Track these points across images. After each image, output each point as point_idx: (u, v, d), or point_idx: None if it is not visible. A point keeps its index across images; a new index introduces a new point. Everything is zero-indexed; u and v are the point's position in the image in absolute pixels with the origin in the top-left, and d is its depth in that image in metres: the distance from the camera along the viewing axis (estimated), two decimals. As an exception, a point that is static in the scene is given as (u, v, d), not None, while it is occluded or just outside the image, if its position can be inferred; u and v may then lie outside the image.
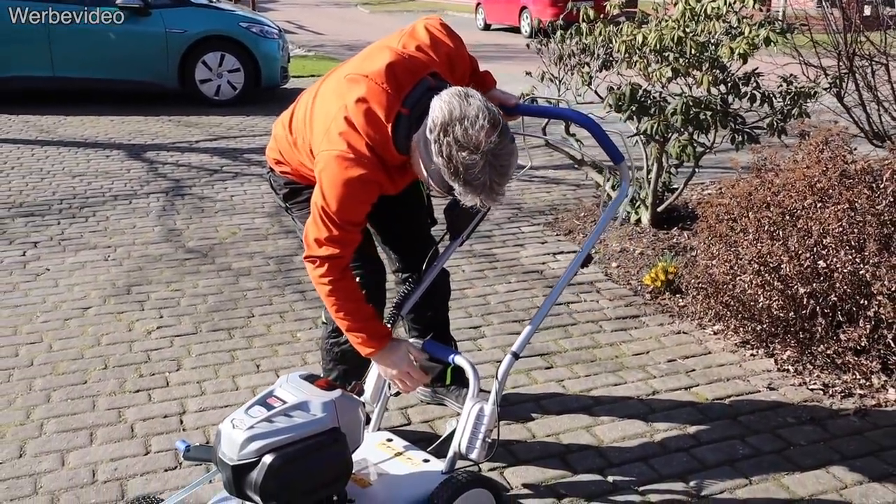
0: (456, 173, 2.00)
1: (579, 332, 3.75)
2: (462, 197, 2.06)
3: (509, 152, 2.03)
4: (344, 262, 2.26)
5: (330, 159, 2.15)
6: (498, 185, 2.03)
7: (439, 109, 2.02)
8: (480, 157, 1.97)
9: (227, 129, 8.13)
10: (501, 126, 2.01)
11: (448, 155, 1.99)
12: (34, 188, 5.89)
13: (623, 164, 2.52)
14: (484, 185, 2.01)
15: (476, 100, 2.03)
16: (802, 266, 3.27)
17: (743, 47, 4.27)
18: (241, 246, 4.80)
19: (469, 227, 2.69)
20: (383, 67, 2.14)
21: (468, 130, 1.96)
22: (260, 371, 3.33)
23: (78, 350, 3.47)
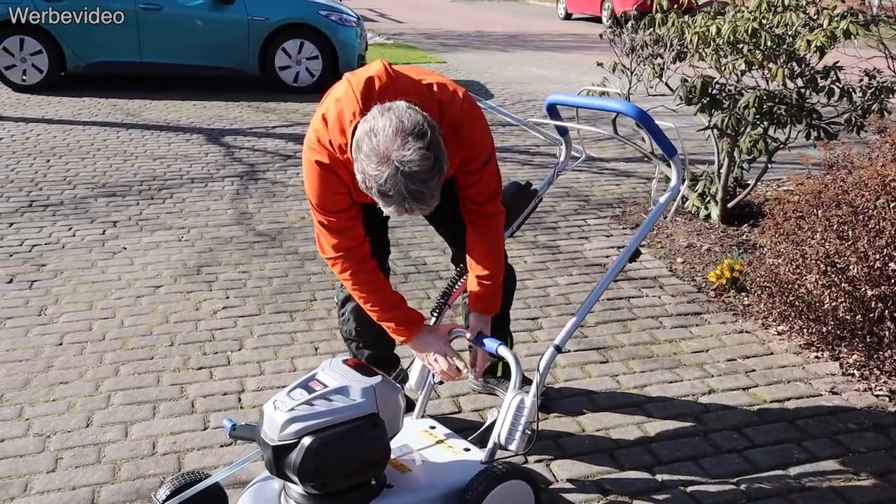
0: (370, 187, 1.96)
1: (638, 327, 3.71)
2: (386, 210, 2.01)
3: (421, 157, 1.91)
4: (358, 254, 2.30)
5: (305, 149, 2.26)
6: (416, 193, 1.93)
7: (359, 128, 2.01)
8: (386, 166, 1.91)
9: (303, 115, 8.28)
10: (411, 129, 1.92)
11: (361, 170, 1.97)
12: (117, 169, 6.13)
13: (676, 157, 2.47)
14: (400, 195, 1.93)
15: (393, 111, 1.96)
16: (872, 268, 3.15)
17: (821, 40, 4.13)
18: (308, 230, 4.90)
19: (519, 219, 2.69)
20: (365, 78, 2.13)
21: (373, 141, 1.93)
22: (318, 354, 3.41)
23: (147, 327, 3.62)
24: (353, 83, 2.13)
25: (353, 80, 2.15)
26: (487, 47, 15.06)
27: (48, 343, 3.44)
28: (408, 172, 1.91)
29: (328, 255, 2.34)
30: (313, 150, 2.21)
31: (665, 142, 2.41)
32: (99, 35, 8.99)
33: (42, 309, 3.76)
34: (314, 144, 2.20)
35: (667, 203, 2.51)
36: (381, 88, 2.11)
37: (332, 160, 2.18)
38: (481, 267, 2.42)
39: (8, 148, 6.65)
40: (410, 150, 1.91)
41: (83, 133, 7.26)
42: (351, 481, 2.04)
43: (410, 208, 1.99)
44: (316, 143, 2.20)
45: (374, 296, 2.34)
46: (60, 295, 3.92)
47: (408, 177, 1.92)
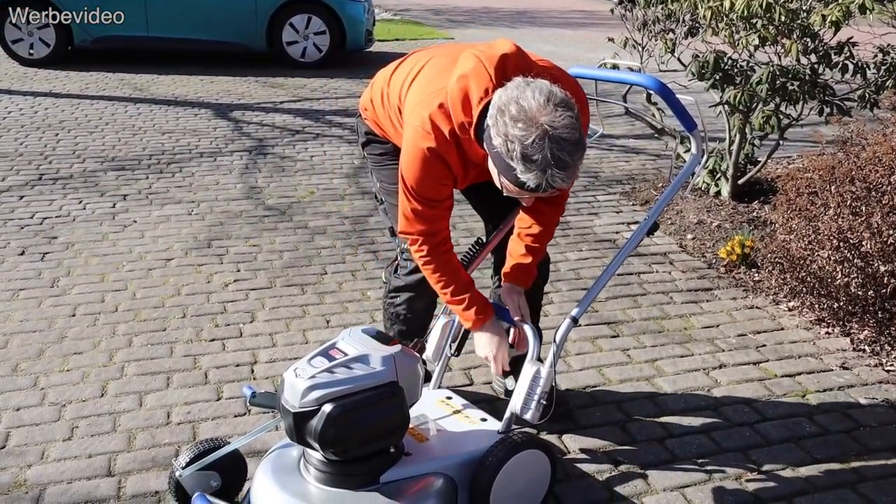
0: (512, 150, 1.90)
1: (649, 302, 3.71)
2: (525, 177, 1.92)
3: (570, 125, 1.89)
4: (437, 238, 2.28)
5: (411, 132, 2.18)
6: (561, 161, 1.89)
7: (499, 95, 1.97)
8: (536, 128, 1.87)
9: (311, 90, 8.26)
10: (560, 100, 1.91)
11: (504, 133, 1.91)
12: (126, 143, 6.13)
13: (696, 131, 2.46)
14: (545, 160, 1.88)
15: (538, 83, 1.94)
16: (885, 243, 3.15)
17: (836, 14, 4.09)
18: (318, 205, 4.91)
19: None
20: (498, 54, 2.08)
21: (521, 104, 1.90)
22: (329, 326, 3.42)
23: (159, 299, 3.63)
24: (485, 59, 2.07)
25: (484, 56, 2.08)
26: (495, 23, 14.97)
27: (61, 314, 3.46)
28: (556, 137, 1.87)
29: (410, 235, 2.30)
30: (425, 135, 2.12)
31: (685, 116, 2.40)
32: (107, 10, 8.94)
33: (54, 281, 3.78)
34: (426, 127, 2.11)
35: (686, 175, 2.49)
36: (515, 65, 2.07)
37: (444, 146, 2.12)
38: (535, 241, 2.42)
39: (17, 122, 6.65)
40: (561, 116, 1.88)
41: (91, 107, 7.25)
42: (370, 448, 2.05)
43: (551, 179, 1.91)
44: (429, 126, 2.11)
45: (449, 279, 2.32)
46: (72, 267, 3.93)
47: (555, 141, 1.87)
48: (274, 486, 2.06)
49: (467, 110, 2.07)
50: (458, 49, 2.27)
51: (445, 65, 2.23)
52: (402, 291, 2.62)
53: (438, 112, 2.11)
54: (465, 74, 2.08)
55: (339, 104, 7.66)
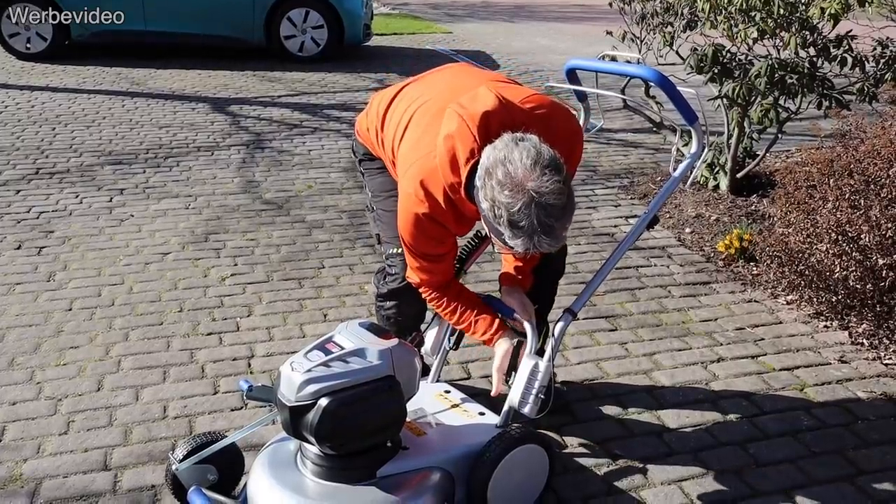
0: (500, 216, 1.88)
1: (647, 296, 3.71)
2: (513, 242, 1.91)
3: (557, 190, 1.85)
4: (442, 281, 2.31)
5: (404, 197, 2.18)
6: (548, 227, 1.86)
7: (488, 154, 1.94)
8: (522, 195, 1.83)
9: (308, 84, 8.24)
10: (548, 161, 1.87)
11: (491, 198, 1.89)
12: (123, 138, 6.11)
13: (696, 124, 2.45)
14: (532, 227, 1.85)
15: (528, 142, 1.90)
16: (883, 236, 3.14)
17: (834, 7, 4.08)
18: (315, 199, 4.89)
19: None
20: (479, 113, 2.05)
21: (508, 168, 1.86)
22: (327, 320, 3.41)
23: (156, 293, 3.62)
24: (467, 118, 2.04)
25: (466, 114, 2.05)
26: (493, 17, 14.93)
27: (58, 308, 3.45)
28: (543, 204, 1.84)
29: (414, 282, 2.34)
30: (418, 202, 2.12)
31: (686, 107, 2.39)
32: (103, 4, 8.91)
33: (51, 275, 3.77)
34: (419, 195, 2.11)
35: (687, 169, 2.47)
36: (499, 122, 2.03)
37: (437, 209, 2.12)
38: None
39: (13, 116, 6.62)
40: (548, 181, 1.84)
41: (88, 101, 7.22)
42: (367, 443, 2.04)
43: (538, 244, 1.89)
44: (422, 193, 2.11)
45: (460, 308, 2.33)
46: (69, 261, 3.92)
47: (542, 208, 1.84)
48: (271, 480, 2.06)
49: (456, 171, 2.05)
50: (448, 89, 2.25)
51: (434, 115, 2.19)
52: (390, 299, 2.59)
53: (430, 177, 2.10)
54: (450, 135, 2.06)
55: (336, 98, 7.64)
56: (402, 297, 2.51)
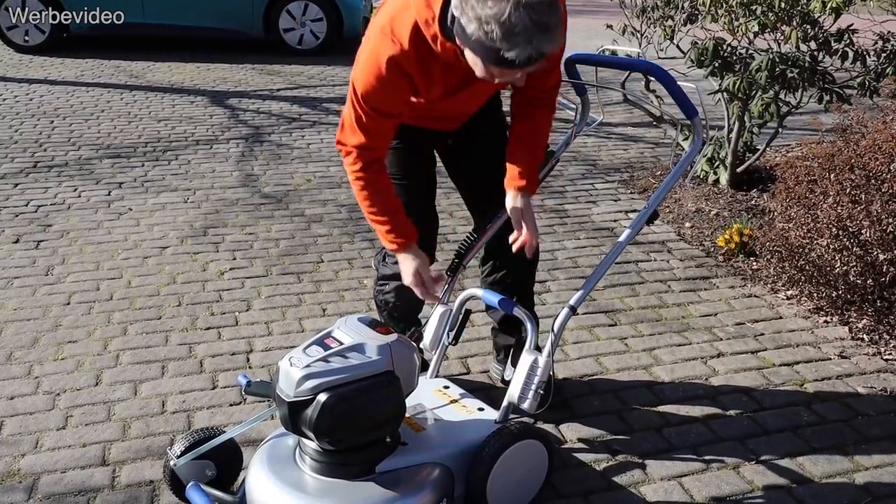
0: (491, 31, 1.81)
1: (646, 290, 3.70)
2: (512, 54, 1.84)
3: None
4: (373, 154, 2.24)
5: (372, 35, 2.12)
6: (543, 25, 1.82)
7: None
8: (506, 1, 1.79)
9: (307, 77, 8.21)
10: None
11: (476, 17, 1.82)
12: (122, 131, 6.09)
13: (696, 118, 2.43)
14: (527, 30, 1.80)
15: None
16: (884, 232, 3.14)
17: (836, 1, 4.06)
18: (314, 193, 4.88)
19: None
20: None
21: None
22: (326, 315, 3.40)
23: (154, 287, 3.61)
24: None
25: None
26: (492, 11, 14.87)
27: (56, 303, 3.44)
28: (529, 3, 1.80)
29: (347, 145, 2.25)
30: (384, 40, 2.06)
31: (686, 102, 2.37)
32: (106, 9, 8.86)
33: (49, 269, 3.75)
34: (386, 30, 2.06)
35: (687, 163, 2.46)
36: None
37: (404, 55, 2.06)
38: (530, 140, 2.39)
39: (11, 109, 6.60)
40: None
41: (86, 94, 7.20)
42: (366, 438, 2.03)
43: (538, 47, 1.84)
44: (389, 28, 2.05)
45: (377, 199, 2.29)
46: (67, 255, 3.91)
47: (530, 7, 1.80)
48: (269, 475, 2.05)
49: (429, 6, 2.02)
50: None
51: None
52: (391, 280, 2.60)
53: (401, 15, 2.06)
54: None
55: (335, 92, 7.61)
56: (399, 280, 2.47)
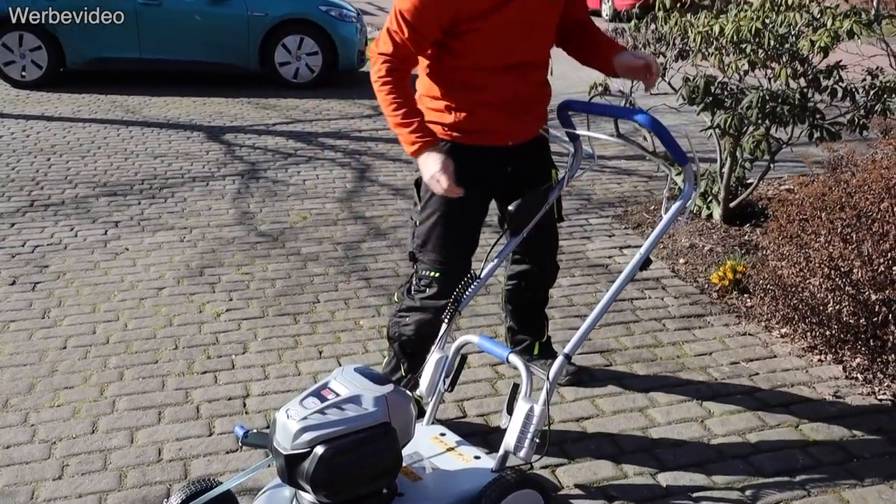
0: None
1: (641, 329, 3.71)
2: None
3: None
4: (402, 65, 2.48)
5: None
6: None
7: None
8: None
9: (303, 112, 8.27)
10: None
11: None
12: (118, 168, 6.12)
13: (688, 165, 2.47)
14: None
15: None
16: (876, 271, 3.16)
17: (824, 40, 4.12)
18: (310, 230, 4.90)
19: (530, 224, 2.69)
20: None
21: None
22: (322, 357, 3.41)
23: (151, 330, 3.61)
24: None
25: None
26: (486, 42, 14.99)
27: (52, 347, 3.44)
28: None
29: (376, 53, 2.50)
30: None
31: (677, 149, 2.41)
32: (99, 32, 8.96)
33: (45, 312, 3.76)
34: None
35: (679, 211, 2.49)
36: None
37: None
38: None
39: (8, 146, 6.64)
40: None
41: (83, 130, 7.25)
42: (363, 490, 2.04)
43: None
44: None
45: (402, 102, 2.48)
46: (63, 297, 3.92)
47: None
48: (266, 529, 2.05)
49: None
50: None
51: None
52: (413, 312, 2.74)
53: None
54: None
55: (331, 126, 7.67)
56: (424, 312, 2.70)
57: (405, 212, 5.25)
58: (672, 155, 2.46)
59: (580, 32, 2.80)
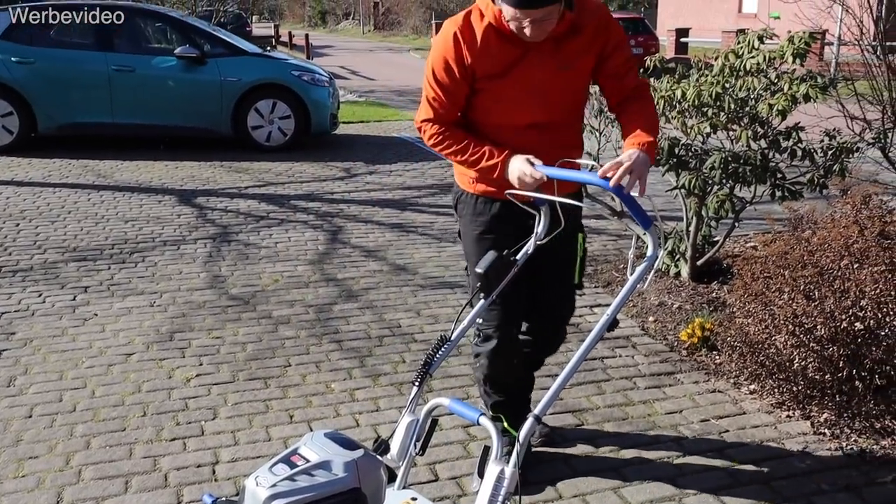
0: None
1: (612, 388, 3.73)
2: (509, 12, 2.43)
3: None
4: (438, 123, 2.69)
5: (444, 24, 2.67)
6: None
7: None
8: None
9: (276, 175, 8.33)
10: None
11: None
12: (88, 233, 6.10)
13: (652, 229, 2.51)
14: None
15: None
16: (838, 328, 3.22)
17: (782, 104, 4.26)
18: (282, 293, 4.90)
19: (500, 286, 2.70)
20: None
21: None
22: (293, 422, 3.39)
23: (119, 396, 3.57)
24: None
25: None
26: (457, 104, 15.24)
27: (17, 416, 3.39)
28: None
29: (420, 121, 2.73)
30: (451, 22, 2.62)
31: (640, 213, 2.46)
32: (71, 97, 9.02)
33: (11, 380, 3.71)
34: (453, 18, 2.63)
35: (644, 273, 2.51)
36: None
37: (463, 25, 2.58)
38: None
39: (-23, 212, 6.60)
40: None
41: (53, 195, 7.23)
42: (332, 559, 2.02)
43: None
44: (454, 17, 2.63)
45: (462, 144, 2.66)
46: (30, 365, 3.87)
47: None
48: None
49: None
50: None
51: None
52: (480, 357, 2.94)
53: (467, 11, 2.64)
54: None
55: (303, 188, 7.72)
56: (489, 355, 2.90)
57: (377, 273, 5.28)
58: (636, 219, 2.51)
59: (624, 106, 2.77)
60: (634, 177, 2.43)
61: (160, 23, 10.32)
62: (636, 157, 2.45)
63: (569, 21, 2.58)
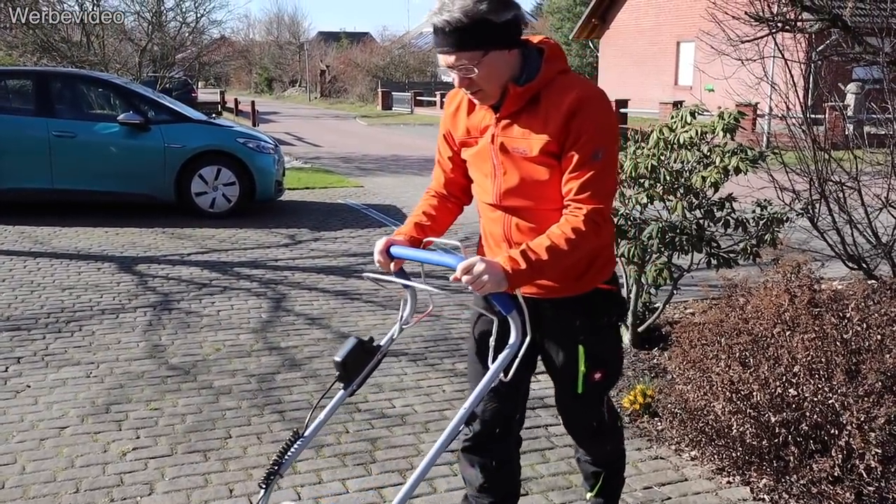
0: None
1: (556, 456, 3.74)
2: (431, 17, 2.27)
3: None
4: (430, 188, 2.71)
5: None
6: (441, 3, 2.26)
7: None
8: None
9: (219, 241, 8.27)
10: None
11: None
12: (23, 301, 5.95)
13: (513, 314, 2.29)
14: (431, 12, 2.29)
15: None
16: (773, 394, 3.30)
17: (714, 176, 4.42)
18: (224, 363, 4.83)
19: (361, 377, 2.52)
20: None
21: None
22: (233, 496, 3.31)
23: (51, 472, 3.45)
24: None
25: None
26: (404, 171, 15.44)
27: (-58, 494, 3.25)
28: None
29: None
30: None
31: (500, 298, 2.28)
32: (9, 162, 8.88)
33: (-64, 456, 3.56)
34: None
35: (507, 360, 2.29)
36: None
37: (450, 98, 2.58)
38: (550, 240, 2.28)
39: None
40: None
41: (-12, 262, 7.06)
42: None
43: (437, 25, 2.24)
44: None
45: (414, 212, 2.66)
46: (-43, 440, 3.72)
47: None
48: None
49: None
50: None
51: None
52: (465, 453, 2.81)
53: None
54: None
55: (247, 255, 7.67)
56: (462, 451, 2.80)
57: (321, 341, 5.24)
58: (497, 304, 2.33)
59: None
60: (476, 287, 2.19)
61: (103, 89, 10.30)
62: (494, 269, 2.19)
63: (523, 97, 2.33)
